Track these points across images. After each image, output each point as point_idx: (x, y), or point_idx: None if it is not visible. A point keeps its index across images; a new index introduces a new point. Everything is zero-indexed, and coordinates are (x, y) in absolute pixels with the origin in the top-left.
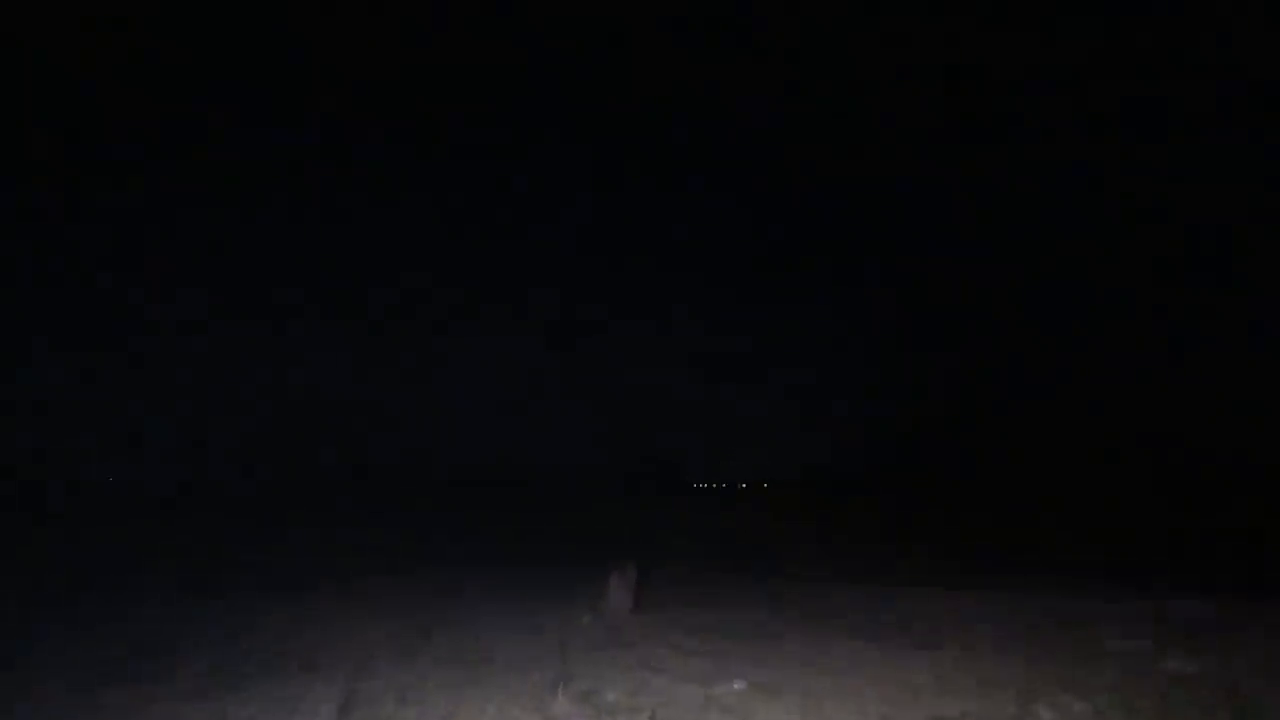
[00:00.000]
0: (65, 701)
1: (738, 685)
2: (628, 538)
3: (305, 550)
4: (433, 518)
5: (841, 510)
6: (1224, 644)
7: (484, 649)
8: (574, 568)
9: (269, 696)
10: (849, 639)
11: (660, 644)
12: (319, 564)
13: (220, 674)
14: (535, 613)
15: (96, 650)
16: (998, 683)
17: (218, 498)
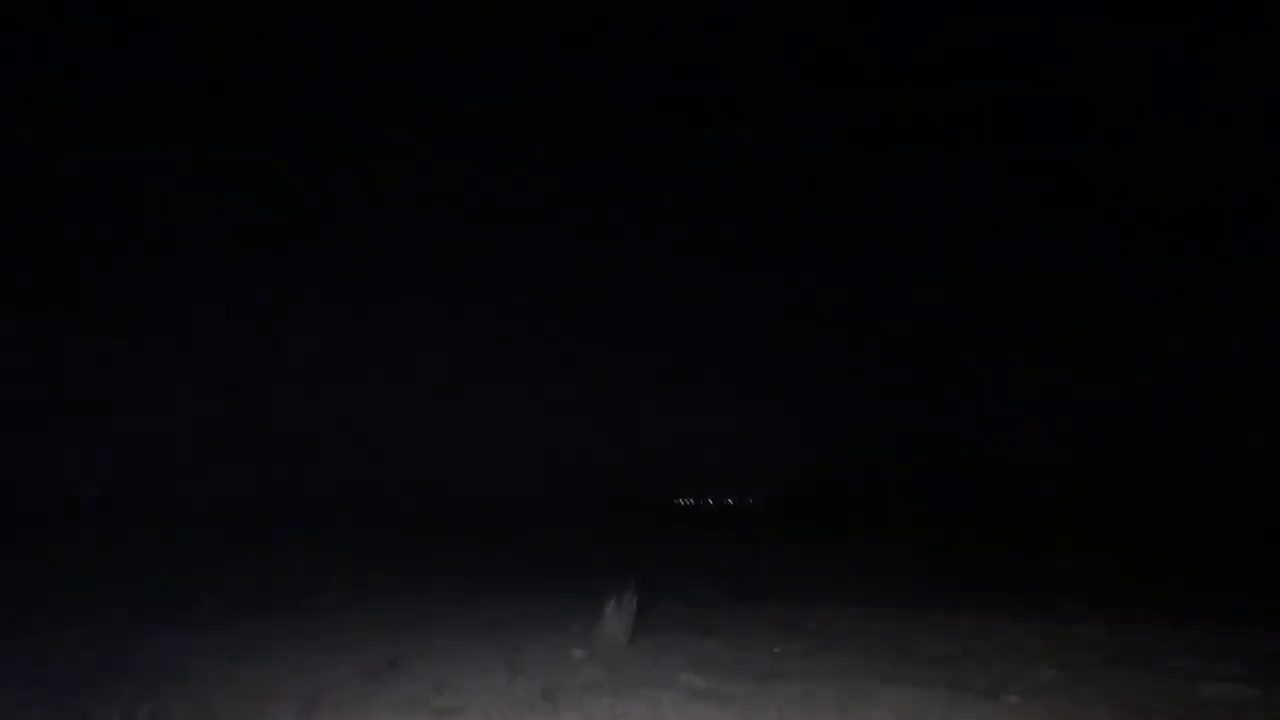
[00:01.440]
0: None
1: None
2: (619, 559)
3: (275, 568)
4: (406, 536)
5: (844, 528)
6: None
7: (455, 692)
8: (563, 593)
9: None
10: (891, 683)
11: (668, 686)
12: (283, 585)
13: None
14: (518, 646)
15: (19, 687)
16: None
17: (203, 507)
